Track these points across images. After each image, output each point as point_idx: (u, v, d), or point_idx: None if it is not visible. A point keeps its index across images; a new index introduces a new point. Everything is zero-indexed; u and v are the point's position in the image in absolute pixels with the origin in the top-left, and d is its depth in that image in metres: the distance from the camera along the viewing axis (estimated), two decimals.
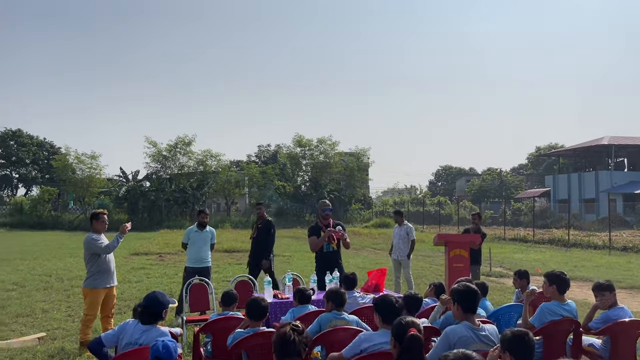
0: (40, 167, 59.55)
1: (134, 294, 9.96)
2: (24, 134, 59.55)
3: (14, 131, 59.11)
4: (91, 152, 38.54)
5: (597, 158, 46.46)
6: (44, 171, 58.25)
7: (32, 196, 40.24)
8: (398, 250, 9.66)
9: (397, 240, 9.70)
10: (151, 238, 24.53)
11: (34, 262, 15.12)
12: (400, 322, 2.90)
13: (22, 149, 58.28)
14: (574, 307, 4.70)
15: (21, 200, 38.86)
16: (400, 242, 9.64)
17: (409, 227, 9.77)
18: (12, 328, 7.42)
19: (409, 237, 9.63)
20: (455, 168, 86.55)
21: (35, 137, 60.76)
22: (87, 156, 38.04)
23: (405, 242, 9.63)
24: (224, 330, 4.56)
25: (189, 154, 41.27)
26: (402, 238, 9.65)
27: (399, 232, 9.75)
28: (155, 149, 40.30)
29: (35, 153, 59.37)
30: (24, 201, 38.24)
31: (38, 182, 58.00)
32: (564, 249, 21.77)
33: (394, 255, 9.80)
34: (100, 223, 6.44)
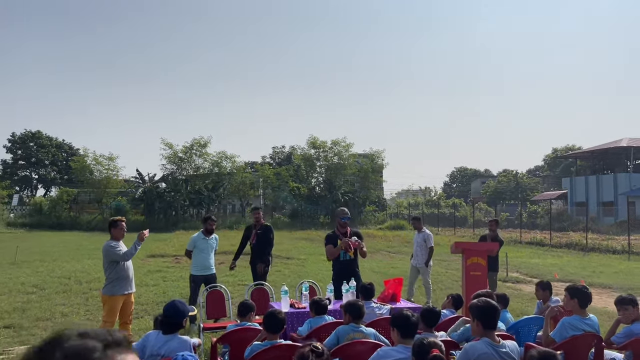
0: (59, 168, 60.44)
1: (151, 298, 10.05)
2: (43, 136, 60.50)
3: (33, 133, 60.10)
4: (109, 153, 39.02)
5: (616, 160, 45.78)
6: (63, 172, 59.09)
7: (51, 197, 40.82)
8: (416, 257, 9.62)
9: (416, 247, 9.67)
10: (167, 239, 24.72)
11: (53, 263, 15.33)
12: (422, 343, 2.88)
13: (41, 150, 59.21)
14: (596, 321, 4.63)
15: (40, 200, 39.43)
16: (418, 249, 9.60)
17: (427, 234, 9.68)
18: (32, 332, 7.52)
19: (427, 244, 9.56)
20: (470, 169, 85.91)
21: (54, 139, 61.70)
22: (104, 157, 38.52)
23: (424, 249, 9.57)
24: (241, 341, 4.58)
25: (204, 156, 41.53)
26: (419, 245, 9.60)
27: (416, 238, 9.72)
28: (171, 150, 40.65)
29: (54, 154, 60.29)
30: (43, 202, 38.80)
31: (57, 183, 58.86)
32: (582, 254, 21.48)
33: (413, 262, 9.77)
34: (118, 230, 6.50)
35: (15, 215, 36.95)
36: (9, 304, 9.30)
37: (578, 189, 44.32)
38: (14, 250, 16.59)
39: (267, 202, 47.56)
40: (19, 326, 7.79)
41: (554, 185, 62.68)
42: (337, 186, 43.49)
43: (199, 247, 7.81)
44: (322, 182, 45.83)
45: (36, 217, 35.94)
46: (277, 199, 45.55)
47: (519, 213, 39.72)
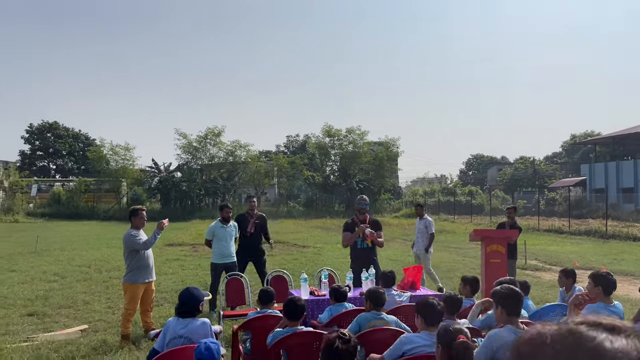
0: (76, 159, 61.19)
1: (169, 286, 10.14)
2: (60, 127, 61.24)
3: (50, 124, 60.86)
4: (125, 143, 39.32)
5: (637, 145, 44.96)
6: (80, 162, 59.82)
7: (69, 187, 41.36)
8: (417, 244, 9.59)
9: (417, 233, 9.64)
10: (184, 228, 24.93)
11: (73, 252, 15.56)
12: (447, 329, 2.85)
13: (58, 141, 59.97)
14: (620, 308, 4.55)
15: (59, 191, 39.95)
16: (419, 236, 9.57)
17: (428, 221, 9.67)
18: (55, 319, 7.65)
19: (428, 230, 9.53)
20: (486, 157, 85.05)
21: (71, 129, 62.44)
22: (121, 147, 38.86)
23: (424, 236, 9.53)
24: (262, 328, 4.60)
25: (219, 145, 41.66)
26: (420, 231, 9.58)
27: (418, 225, 9.72)
28: (185, 140, 40.86)
29: (71, 145, 61.03)
30: (61, 192, 39.32)
31: (74, 173, 59.62)
32: (602, 241, 21.20)
33: (414, 249, 9.79)
34: (139, 219, 6.56)
35: (34, 205, 37.52)
36: (32, 292, 9.46)
37: (597, 176, 43.65)
38: (35, 240, 16.85)
39: (281, 191, 47.64)
40: (42, 313, 7.93)
41: (572, 172, 61.83)
42: (352, 174, 43.40)
43: (218, 236, 7.82)
44: (337, 170, 45.74)
45: (55, 207, 36.45)
46: (291, 187, 45.63)
47: (536, 200, 39.31)
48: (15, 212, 33.39)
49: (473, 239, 7.88)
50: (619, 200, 38.94)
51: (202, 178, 40.49)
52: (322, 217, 35.73)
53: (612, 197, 37.96)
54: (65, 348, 6.08)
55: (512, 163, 71.20)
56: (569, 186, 41.62)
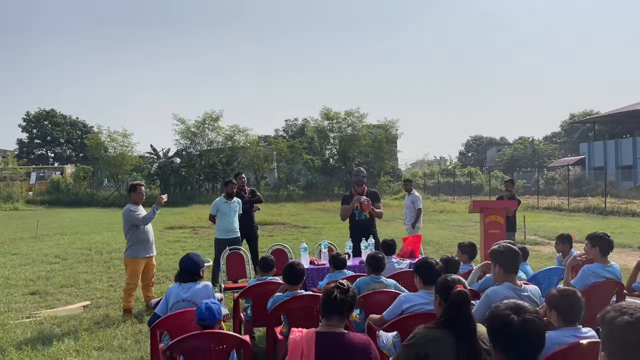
0: (74, 146, 61.03)
1: (171, 265, 10.20)
2: (57, 114, 60.96)
3: (47, 111, 60.58)
4: (123, 129, 39.16)
5: (635, 124, 44.85)
6: (78, 150, 59.70)
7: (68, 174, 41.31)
8: (405, 219, 9.68)
9: (405, 209, 9.72)
10: (184, 213, 24.98)
11: (73, 236, 15.61)
12: (445, 280, 2.87)
13: (56, 129, 59.74)
14: (617, 268, 4.59)
15: (58, 178, 39.89)
16: (407, 211, 9.62)
17: (415, 196, 9.71)
18: (58, 297, 7.71)
19: (415, 205, 9.57)
20: (485, 138, 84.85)
21: (68, 117, 62.14)
22: (119, 134, 38.68)
23: (412, 211, 9.58)
24: (263, 295, 4.64)
25: (217, 130, 41.49)
26: (408, 207, 9.63)
27: (406, 200, 9.80)
28: (183, 125, 40.68)
29: (69, 132, 60.80)
30: (60, 180, 39.28)
31: (73, 160, 59.52)
32: (600, 217, 21.29)
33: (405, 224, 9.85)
34: (137, 195, 6.58)
35: (33, 193, 37.51)
36: (33, 273, 9.51)
37: (596, 154, 43.63)
38: (35, 225, 16.90)
39: (281, 175, 47.60)
40: (44, 292, 7.99)
41: (571, 152, 61.78)
42: (351, 157, 43.33)
43: (222, 211, 7.86)
44: (336, 153, 45.63)
45: (54, 195, 36.43)
46: (291, 171, 45.56)
47: (535, 180, 39.34)
48: (15, 200, 33.40)
49: (472, 210, 7.89)
50: (617, 177, 38.98)
51: (201, 163, 40.40)
52: (322, 200, 35.76)
53: (611, 175, 38.00)
54: (68, 323, 6.13)
55: (512, 144, 71.07)
56: (568, 165, 41.63)
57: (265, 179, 49.02)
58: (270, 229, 17.34)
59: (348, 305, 2.67)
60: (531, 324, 1.84)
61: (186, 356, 3.26)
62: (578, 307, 2.94)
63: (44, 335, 5.61)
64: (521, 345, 1.83)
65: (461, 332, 2.59)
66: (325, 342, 2.56)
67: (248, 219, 8.49)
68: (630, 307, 1.32)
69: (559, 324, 2.98)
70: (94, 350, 5.14)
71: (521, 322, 1.84)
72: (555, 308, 2.96)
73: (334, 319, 2.65)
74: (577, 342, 2.80)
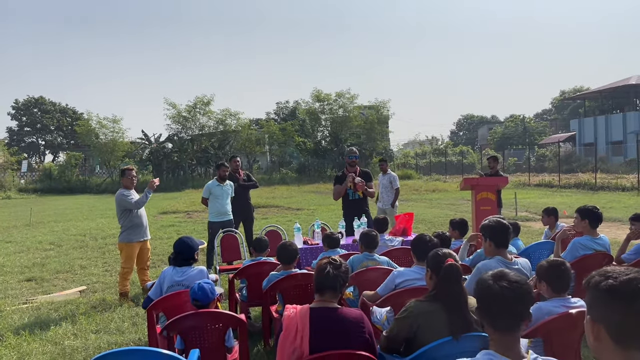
0: (65, 133, 60.45)
1: (165, 249, 10.23)
2: (46, 101, 60.24)
3: (36, 99, 59.84)
4: (113, 115, 38.85)
5: (625, 99, 45.02)
6: (69, 137, 59.15)
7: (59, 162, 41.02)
8: (382, 199, 9.52)
9: (381, 189, 9.56)
10: (177, 198, 24.96)
11: (67, 223, 15.58)
12: (436, 253, 2.92)
13: (46, 116, 59.09)
14: (606, 240, 4.67)
15: (50, 166, 39.62)
16: (384, 191, 9.49)
17: (392, 176, 9.62)
18: (54, 283, 7.74)
19: (393, 185, 9.50)
20: (477, 116, 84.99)
21: (57, 104, 61.43)
22: (109, 120, 38.38)
23: (389, 191, 9.50)
24: (257, 275, 4.69)
25: (209, 114, 41.24)
26: (385, 187, 9.50)
27: (382, 180, 9.62)
28: (174, 110, 40.39)
29: (58, 119, 60.16)
30: (52, 167, 39.02)
31: (64, 148, 59.04)
32: (591, 192, 21.50)
33: (379, 204, 9.67)
34: (127, 179, 6.57)
35: (26, 181, 37.29)
36: (28, 260, 9.52)
37: (586, 130, 43.85)
38: (28, 213, 16.84)
39: (273, 158, 47.53)
40: (40, 278, 8.01)
41: (562, 129, 62.03)
42: (343, 139, 43.27)
43: (215, 194, 7.83)
44: (328, 135, 45.57)
45: (47, 183, 36.22)
46: (283, 154, 45.51)
47: (527, 157, 39.53)
48: (7, 188, 33.19)
49: (463, 187, 7.96)
50: (608, 153, 39.28)
51: (193, 148, 40.25)
52: (315, 182, 35.80)
53: (602, 151, 38.27)
54: (65, 307, 6.17)
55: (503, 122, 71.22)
56: (559, 142, 41.80)
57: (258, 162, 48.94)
58: (264, 212, 17.38)
59: (341, 281, 2.71)
60: (508, 291, 1.88)
61: (183, 335, 3.30)
62: (566, 278, 3.01)
63: (41, 320, 5.65)
64: (502, 311, 1.87)
65: (452, 304, 2.65)
66: (319, 317, 2.61)
67: (244, 201, 8.48)
68: (614, 271, 1.35)
69: (548, 295, 3.05)
70: (91, 333, 5.19)
71: (500, 288, 1.88)
72: (545, 279, 3.03)
73: (327, 294, 2.69)
74: (566, 312, 2.87)
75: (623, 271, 1.34)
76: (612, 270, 1.36)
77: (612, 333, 1.30)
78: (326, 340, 2.54)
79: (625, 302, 1.29)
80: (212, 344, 3.35)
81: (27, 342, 4.95)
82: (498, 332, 1.87)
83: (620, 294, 1.29)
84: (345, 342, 2.56)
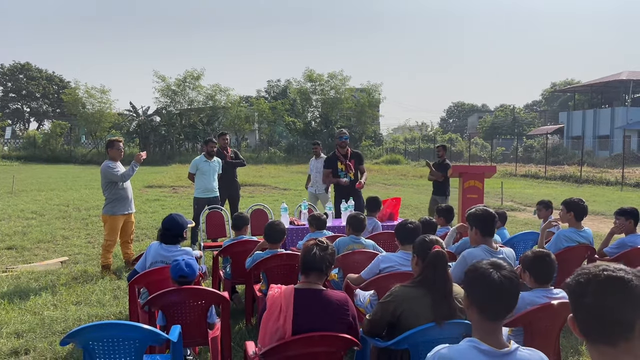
0: (51, 101, 59.44)
1: (150, 224, 10.17)
2: (32, 67, 59.03)
3: (22, 64, 58.60)
4: (101, 86, 38.25)
5: (614, 94, 45.35)
6: (55, 105, 58.20)
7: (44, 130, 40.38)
8: (315, 183, 9.02)
9: (315, 173, 9.06)
10: (164, 172, 24.75)
11: (50, 193, 15.39)
12: (423, 240, 2.91)
13: (31, 83, 57.96)
14: (590, 233, 4.71)
15: (34, 134, 39.01)
16: (317, 175, 8.94)
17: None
18: (35, 253, 7.65)
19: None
20: (467, 105, 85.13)
21: (44, 71, 60.25)
22: (97, 90, 37.78)
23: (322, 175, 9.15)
24: (241, 253, 4.66)
25: (198, 89, 40.77)
26: (319, 171, 8.90)
27: (315, 164, 9.09)
28: (164, 83, 39.85)
29: (45, 87, 59.05)
30: (37, 135, 38.43)
31: (49, 116, 58.11)
32: (576, 185, 21.72)
33: (311, 189, 9.18)
34: (115, 151, 6.46)
35: (9, 148, 36.71)
36: (9, 228, 9.39)
37: (575, 123, 44.19)
38: (11, 181, 16.59)
39: (262, 136, 47.26)
40: (21, 247, 7.91)
41: (551, 120, 62.42)
42: (334, 121, 43.11)
43: (202, 170, 7.75)
44: (318, 116, 45.38)
45: (30, 150, 35.72)
46: (272, 133, 45.29)
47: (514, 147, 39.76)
48: None
49: (451, 175, 7.98)
50: (594, 147, 39.66)
51: (182, 122, 39.84)
52: (304, 163, 35.66)
53: (589, 145, 38.63)
54: (45, 278, 6.11)
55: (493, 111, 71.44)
56: (547, 134, 42.08)
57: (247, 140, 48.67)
58: (251, 190, 17.33)
59: (327, 263, 2.69)
60: (507, 281, 1.88)
61: (165, 311, 3.28)
62: (551, 269, 3.02)
63: (20, 289, 5.59)
64: (496, 300, 1.87)
65: (437, 291, 2.65)
66: (303, 298, 2.59)
67: (231, 179, 8.43)
68: (587, 269, 1.37)
69: (531, 285, 3.07)
70: (72, 305, 5.14)
71: (499, 277, 1.88)
72: (529, 269, 3.04)
73: (312, 275, 2.68)
74: (548, 303, 2.89)
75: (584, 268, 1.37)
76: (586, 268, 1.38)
77: (579, 329, 1.35)
78: (309, 321, 2.53)
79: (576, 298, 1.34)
80: (193, 321, 3.33)
81: (6, 311, 4.89)
82: (484, 320, 1.87)
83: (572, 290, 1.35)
84: (329, 324, 2.56)
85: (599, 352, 1.33)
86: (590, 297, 1.30)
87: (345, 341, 2.56)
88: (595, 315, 1.30)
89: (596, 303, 1.29)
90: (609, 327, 1.29)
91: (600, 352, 1.32)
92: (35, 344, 4.11)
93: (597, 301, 1.29)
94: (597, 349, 1.32)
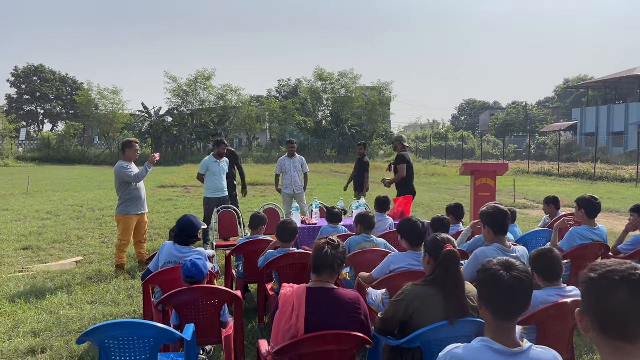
0: (65, 103, 60.08)
1: (162, 223, 10.26)
2: (46, 70, 59.70)
3: (36, 67, 59.30)
4: (113, 87, 38.60)
5: (629, 90, 44.76)
6: (68, 107, 58.80)
7: (58, 132, 40.82)
8: (294, 184, 8.82)
9: (293, 172, 8.85)
10: (176, 172, 24.93)
11: (65, 194, 15.57)
12: (435, 239, 2.91)
13: (45, 85, 58.64)
14: (604, 231, 4.66)
15: (48, 135, 39.47)
16: (296, 175, 8.83)
17: (302, 160, 9.04)
18: (50, 253, 7.75)
19: (303, 169, 8.95)
20: (479, 102, 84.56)
21: (57, 73, 60.89)
22: (109, 91, 38.13)
23: (301, 175, 8.95)
24: (254, 252, 4.69)
25: (209, 89, 41.01)
26: (297, 170, 8.86)
27: (292, 164, 8.89)
28: (175, 84, 40.13)
29: (58, 89, 59.71)
30: (51, 136, 38.87)
31: (63, 117, 58.71)
32: (589, 182, 21.51)
33: (287, 190, 8.87)
34: (132, 151, 6.53)
35: (24, 150, 37.18)
36: (25, 229, 9.52)
37: (588, 120, 43.67)
38: (26, 182, 16.81)
39: (273, 136, 47.37)
40: (36, 247, 8.02)
41: (564, 117, 61.81)
42: (344, 119, 43.10)
43: (211, 170, 7.78)
44: (329, 115, 45.38)
45: (45, 152, 36.15)
46: (283, 132, 45.37)
47: (527, 145, 39.45)
48: (5, 156, 33.11)
49: (463, 172, 7.95)
50: (608, 144, 39.19)
51: (193, 123, 40.08)
52: (314, 162, 35.74)
53: (602, 141, 38.18)
54: (60, 277, 6.19)
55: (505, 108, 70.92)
56: (560, 130, 41.68)
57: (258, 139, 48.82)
58: (262, 189, 17.38)
59: (338, 261, 2.70)
60: (518, 281, 1.87)
61: (178, 310, 3.31)
62: (555, 266, 2.99)
63: (37, 289, 5.67)
64: (508, 300, 1.86)
65: (449, 290, 2.65)
66: (316, 297, 2.61)
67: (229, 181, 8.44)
68: (601, 265, 1.37)
69: (542, 284, 3.05)
70: (87, 304, 5.21)
71: (510, 277, 1.87)
72: (535, 268, 3.03)
73: (324, 274, 2.69)
74: (561, 301, 2.87)
75: (608, 264, 1.37)
76: (600, 264, 1.38)
77: (596, 324, 1.34)
78: (322, 320, 2.54)
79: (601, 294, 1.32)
80: (207, 319, 3.36)
81: (23, 310, 4.97)
82: (497, 320, 1.87)
83: (597, 286, 1.33)
84: (341, 322, 2.57)
85: (613, 347, 1.32)
86: (622, 295, 1.29)
87: (358, 340, 2.57)
88: (622, 313, 1.29)
89: (628, 302, 1.28)
90: (635, 325, 1.28)
91: (615, 347, 1.32)
92: (52, 343, 4.18)
93: (630, 300, 1.28)
94: (613, 344, 1.32)
